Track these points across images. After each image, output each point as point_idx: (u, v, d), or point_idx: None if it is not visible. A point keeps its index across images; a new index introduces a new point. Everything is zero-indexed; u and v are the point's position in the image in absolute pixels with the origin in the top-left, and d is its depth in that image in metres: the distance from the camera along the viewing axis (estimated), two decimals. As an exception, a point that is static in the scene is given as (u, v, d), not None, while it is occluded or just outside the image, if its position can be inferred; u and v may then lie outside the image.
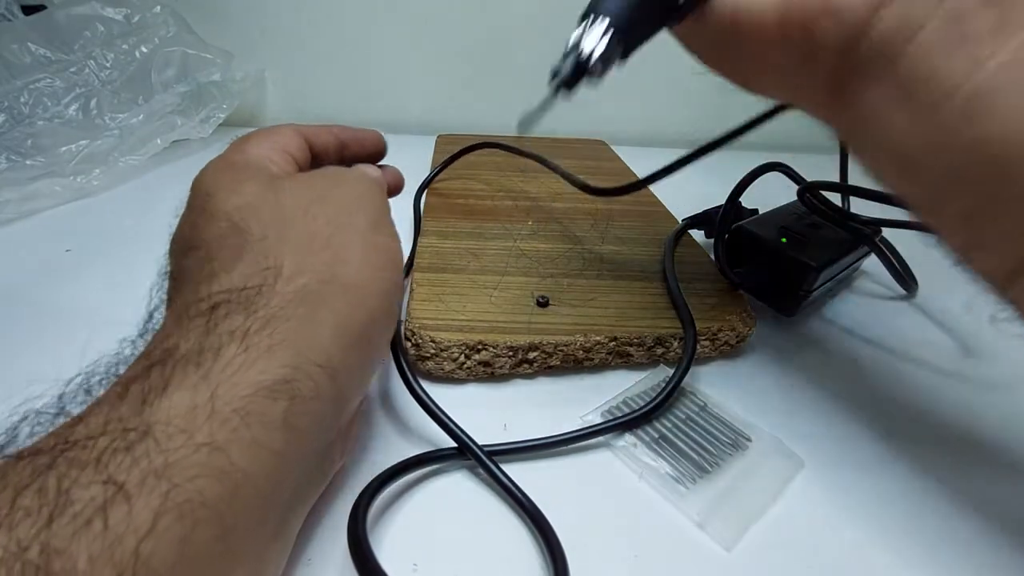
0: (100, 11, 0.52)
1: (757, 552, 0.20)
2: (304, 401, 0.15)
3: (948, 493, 0.23)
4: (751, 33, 0.18)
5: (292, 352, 0.15)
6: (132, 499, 0.11)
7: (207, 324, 0.15)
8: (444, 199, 0.40)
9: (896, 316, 0.35)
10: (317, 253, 0.17)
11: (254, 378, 0.14)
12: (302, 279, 0.16)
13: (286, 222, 0.18)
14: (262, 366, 0.14)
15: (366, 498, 0.19)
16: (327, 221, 0.18)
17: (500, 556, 0.19)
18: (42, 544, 0.10)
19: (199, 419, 0.13)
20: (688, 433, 0.24)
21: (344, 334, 0.17)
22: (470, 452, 0.21)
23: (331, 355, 0.16)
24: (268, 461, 0.14)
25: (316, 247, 0.17)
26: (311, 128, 0.24)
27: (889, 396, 0.28)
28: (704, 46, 0.22)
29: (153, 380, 0.13)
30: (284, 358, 0.15)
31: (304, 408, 0.15)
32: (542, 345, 0.26)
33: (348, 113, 0.67)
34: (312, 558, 0.19)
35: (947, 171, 0.16)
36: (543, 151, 0.53)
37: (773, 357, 0.30)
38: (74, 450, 0.12)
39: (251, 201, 0.18)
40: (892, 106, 0.16)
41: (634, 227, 0.37)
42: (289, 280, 0.16)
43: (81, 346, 0.16)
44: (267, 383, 0.14)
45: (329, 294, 0.17)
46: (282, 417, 0.14)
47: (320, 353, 0.16)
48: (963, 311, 0.35)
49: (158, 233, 0.19)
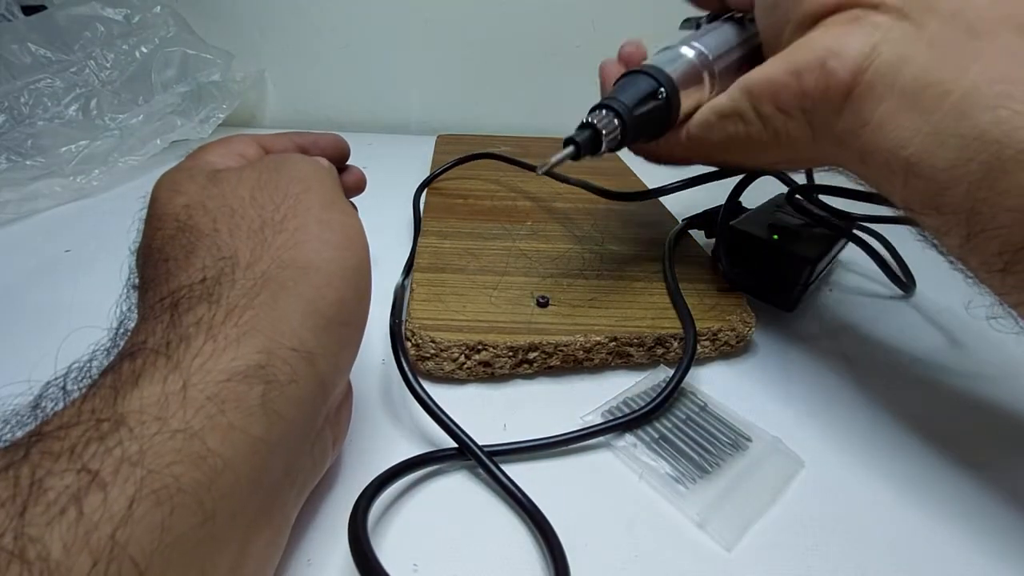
0: (100, 11, 0.52)
1: (757, 552, 0.20)
2: (281, 386, 0.15)
3: (948, 492, 0.23)
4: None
5: (262, 338, 0.15)
6: (107, 487, 0.11)
7: (171, 319, 0.15)
8: (444, 199, 0.40)
9: (895, 315, 0.35)
10: (272, 238, 0.17)
11: (226, 365, 0.14)
12: (260, 266, 0.16)
13: (234, 212, 0.18)
14: (233, 353, 0.14)
15: (366, 498, 0.19)
16: (275, 206, 0.18)
17: (500, 556, 0.19)
18: (15, 532, 0.10)
19: (172, 407, 0.13)
20: (688, 433, 0.24)
21: (314, 316, 0.16)
22: (470, 452, 0.21)
23: (304, 339, 0.16)
24: (248, 447, 0.14)
25: (269, 233, 0.17)
26: (268, 136, 0.24)
27: (889, 396, 0.28)
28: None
29: (124, 373, 0.13)
30: (255, 344, 0.15)
31: (282, 393, 0.15)
32: (542, 345, 0.26)
33: (347, 113, 0.67)
34: (312, 559, 0.19)
35: (948, 162, 0.18)
36: (545, 150, 0.53)
37: (773, 357, 0.30)
38: (47, 441, 0.12)
39: (195, 198, 0.18)
40: (899, 115, 0.20)
41: (634, 227, 0.37)
42: (248, 268, 0.16)
43: (81, 346, 0.16)
44: (240, 369, 0.14)
45: (290, 278, 0.16)
46: (259, 402, 0.14)
47: (292, 337, 0.15)
48: (960, 309, 0.35)
49: (158, 233, 0.19)
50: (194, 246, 0.17)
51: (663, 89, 0.25)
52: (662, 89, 0.25)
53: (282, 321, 0.15)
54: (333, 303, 0.17)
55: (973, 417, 0.27)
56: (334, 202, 0.19)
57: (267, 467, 0.14)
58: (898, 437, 0.25)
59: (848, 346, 0.32)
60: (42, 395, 0.15)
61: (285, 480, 0.16)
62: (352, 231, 0.19)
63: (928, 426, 0.26)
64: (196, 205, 0.18)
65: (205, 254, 0.16)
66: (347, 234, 0.19)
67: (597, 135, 0.24)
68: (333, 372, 0.17)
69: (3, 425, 0.14)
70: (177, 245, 0.17)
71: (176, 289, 0.16)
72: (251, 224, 0.17)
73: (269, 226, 0.17)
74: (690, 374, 0.26)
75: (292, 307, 0.16)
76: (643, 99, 0.25)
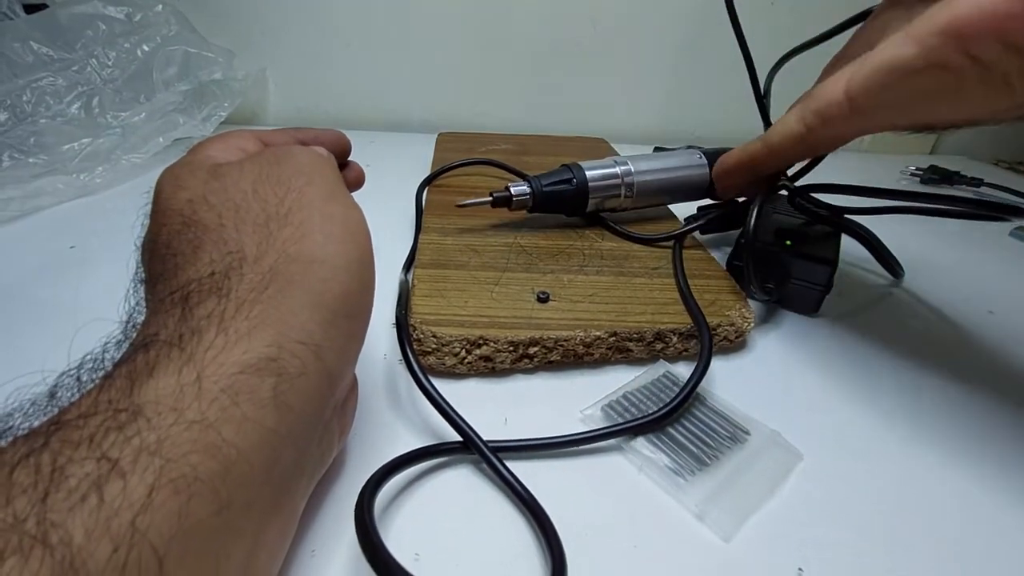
0: (102, 10, 0.52)
1: (755, 543, 0.20)
2: (291, 379, 0.15)
3: (945, 485, 0.23)
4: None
5: (272, 332, 0.15)
6: (126, 475, 0.11)
7: (182, 312, 0.15)
8: (445, 196, 0.40)
9: (887, 303, 0.35)
10: (277, 232, 0.17)
11: (238, 358, 0.14)
12: (267, 260, 0.16)
13: (238, 207, 0.18)
14: (244, 346, 0.14)
15: (372, 486, 0.19)
16: (279, 199, 0.18)
17: (500, 547, 0.19)
18: (38, 517, 0.10)
19: (188, 398, 0.13)
20: (687, 426, 0.24)
21: (320, 310, 0.16)
22: (476, 449, 0.22)
23: (311, 332, 0.16)
24: (261, 438, 0.14)
25: (274, 227, 0.17)
26: (268, 131, 0.24)
27: (885, 387, 0.28)
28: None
29: (139, 364, 0.14)
30: (265, 338, 0.15)
31: (292, 386, 0.15)
32: (542, 340, 0.27)
33: (349, 111, 0.67)
34: (316, 549, 0.19)
35: None
36: (546, 148, 0.53)
37: (771, 351, 0.30)
38: (66, 430, 0.12)
39: (198, 192, 0.18)
40: None
41: (634, 224, 0.38)
42: (255, 262, 0.16)
43: (85, 342, 0.17)
44: (252, 362, 0.14)
45: (297, 272, 0.16)
46: (271, 395, 0.14)
47: (299, 331, 0.16)
48: (949, 293, 0.35)
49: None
50: (201, 240, 0.17)
51: (575, 180, 0.35)
52: (574, 179, 0.35)
53: (290, 315, 0.16)
54: (339, 296, 0.17)
55: (971, 410, 0.27)
56: (336, 195, 0.19)
57: (279, 458, 0.15)
58: (896, 428, 0.26)
59: (844, 337, 0.32)
60: (58, 385, 0.15)
61: (295, 471, 0.16)
62: (355, 224, 0.19)
63: (925, 415, 0.26)
64: (199, 200, 0.18)
65: (212, 248, 0.17)
66: (350, 227, 0.19)
67: (509, 197, 0.34)
68: (340, 364, 0.18)
69: (20, 415, 0.14)
70: (184, 240, 0.17)
71: (185, 283, 0.16)
72: (256, 218, 0.17)
73: (274, 220, 0.18)
74: (688, 368, 0.26)
75: (299, 301, 0.16)
76: (556, 183, 0.35)
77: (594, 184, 0.35)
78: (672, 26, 0.63)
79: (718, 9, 0.37)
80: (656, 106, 0.68)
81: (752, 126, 0.36)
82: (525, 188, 0.34)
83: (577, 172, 0.35)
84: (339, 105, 0.67)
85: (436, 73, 0.65)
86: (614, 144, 0.56)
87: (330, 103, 0.67)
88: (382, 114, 0.67)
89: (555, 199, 0.34)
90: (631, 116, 0.68)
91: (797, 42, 0.38)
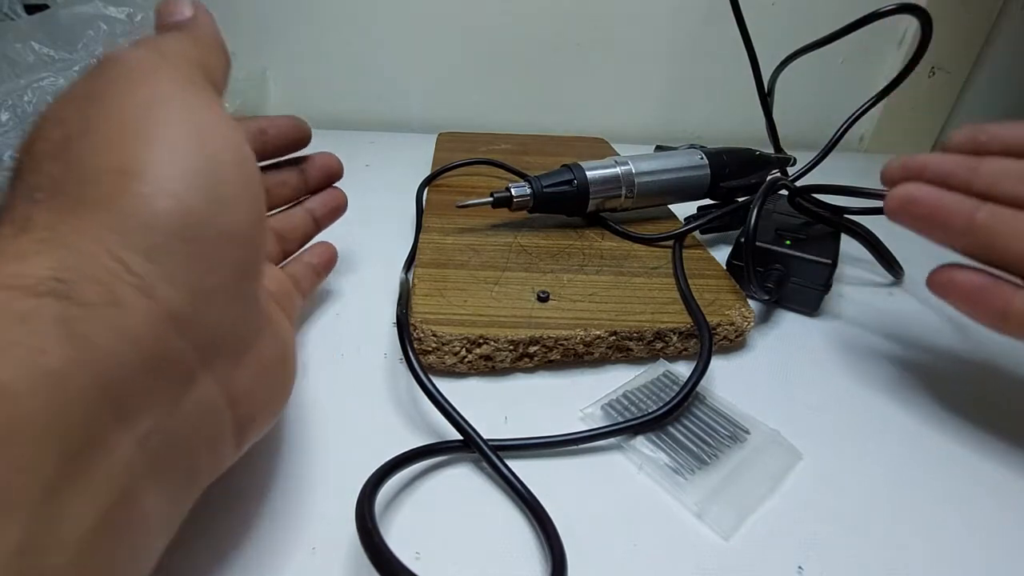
0: (103, 10, 0.52)
1: (755, 542, 0.20)
2: (91, 307, 0.12)
3: (945, 483, 0.23)
4: None
5: (60, 254, 0.12)
6: None
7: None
8: (446, 196, 0.40)
9: (887, 302, 0.35)
10: (77, 145, 0.14)
11: (14, 269, 0.12)
12: (62, 183, 0.14)
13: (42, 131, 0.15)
14: (15, 268, 0.12)
15: (372, 484, 0.19)
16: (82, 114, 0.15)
17: (500, 545, 0.20)
18: None
19: None
20: (687, 425, 0.24)
21: (140, 232, 0.13)
22: (477, 448, 0.22)
23: (126, 259, 0.13)
24: (40, 378, 0.11)
25: (75, 146, 0.14)
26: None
27: (885, 387, 0.28)
28: None
29: None
30: (47, 262, 0.12)
31: (92, 315, 0.12)
32: (542, 339, 0.27)
33: (349, 111, 0.67)
34: (316, 546, 0.19)
35: None
36: (546, 148, 0.53)
37: (770, 351, 0.30)
38: None
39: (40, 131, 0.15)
40: None
41: (634, 224, 0.38)
42: (51, 188, 0.14)
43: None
44: (28, 284, 0.12)
45: (106, 188, 0.14)
46: (55, 321, 0.11)
47: (105, 256, 0.13)
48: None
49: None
50: (16, 174, 0.14)
51: (575, 180, 0.35)
52: (575, 180, 0.35)
53: (89, 239, 0.13)
54: (172, 215, 0.14)
55: (973, 406, 0.27)
56: (174, 96, 0.16)
57: (72, 411, 0.11)
58: (895, 427, 0.26)
59: (843, 336, 0.32)
60: None
61: (116, 427, 0.12)
62: (200, 128, 0.15)
63: (927, 416, 0.26)
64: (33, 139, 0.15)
65: (19, 183, 0.14)
66: (190, 131, 0.15)
67: (510, 197, 0.34)
68: (190, 301, 0.14)
69: None
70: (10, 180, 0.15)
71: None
72: (55, 138, 0.15)
73: (76, 138, 0.14)
74: (688, 368, 0.26)
75: (101, 221, 0.13)
76: (557, 183, 0.35)
77: (595, 185, 0.35)
78: (672, 25, 0.63)
79: (719, 8, 0.37)
80: (656, 106, 0.68)
81: (753, 125, 0.36)
82: (526, 189, 0.34)
83: (578, 172, 0.35)
84: (339, 105, 0.67)
85: (436, 73, 0.65)
86: (614, 144, 0.56)
87: (330, 103, 0.67)
88: (382, 114, 0.67)
89: (556, 200, 0.35)
90: (631, 116, 0.68)
91: (797, 42, 0.38)
